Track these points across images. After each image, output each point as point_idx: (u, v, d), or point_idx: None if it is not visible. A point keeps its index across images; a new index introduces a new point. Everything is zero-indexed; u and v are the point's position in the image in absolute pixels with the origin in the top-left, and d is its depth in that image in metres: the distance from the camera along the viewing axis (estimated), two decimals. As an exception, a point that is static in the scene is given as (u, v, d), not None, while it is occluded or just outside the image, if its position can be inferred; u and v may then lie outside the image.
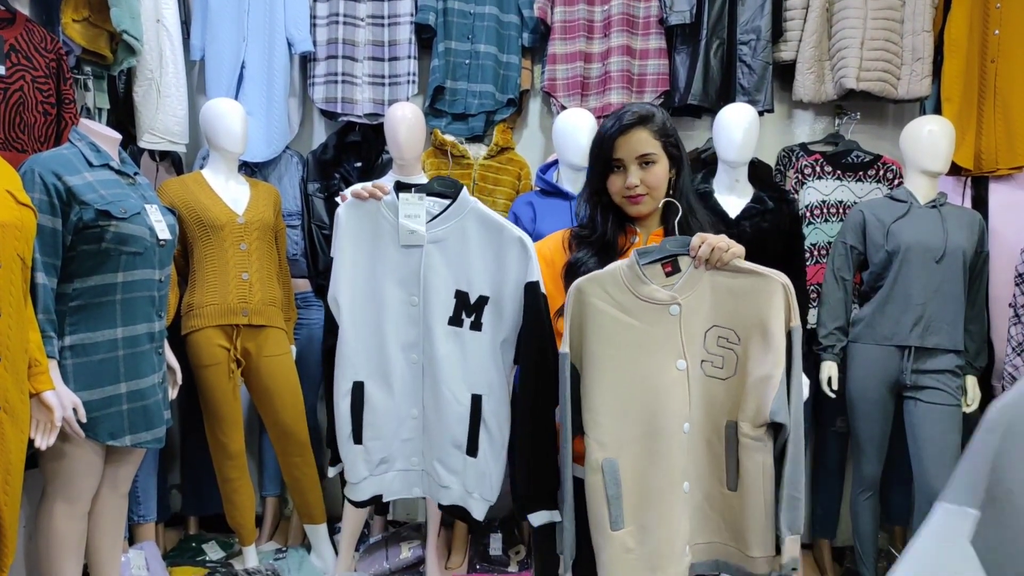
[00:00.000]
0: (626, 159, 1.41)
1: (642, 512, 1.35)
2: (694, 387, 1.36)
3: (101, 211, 1.87)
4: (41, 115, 2.23)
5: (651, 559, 1.34)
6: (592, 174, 1.47)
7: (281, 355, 2.60)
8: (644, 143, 1.41)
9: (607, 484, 1.32)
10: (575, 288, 1.34)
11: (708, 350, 1.36)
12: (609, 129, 1.42)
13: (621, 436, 1.34)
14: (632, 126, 1.41)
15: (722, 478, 1.36)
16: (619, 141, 1.41)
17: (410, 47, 2.98)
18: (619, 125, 1.41)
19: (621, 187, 1.42)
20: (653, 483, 1.35)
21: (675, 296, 1.34)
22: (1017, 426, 0.89)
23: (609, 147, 1.41)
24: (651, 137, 1.42)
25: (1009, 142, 2.71)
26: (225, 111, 2.51)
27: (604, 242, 1.45)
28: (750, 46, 2.87)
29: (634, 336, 1.34)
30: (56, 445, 1.80)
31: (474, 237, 1.50)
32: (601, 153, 1.43)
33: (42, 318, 1.78)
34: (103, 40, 2.49)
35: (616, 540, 1.33)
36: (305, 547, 2.90)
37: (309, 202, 2.97)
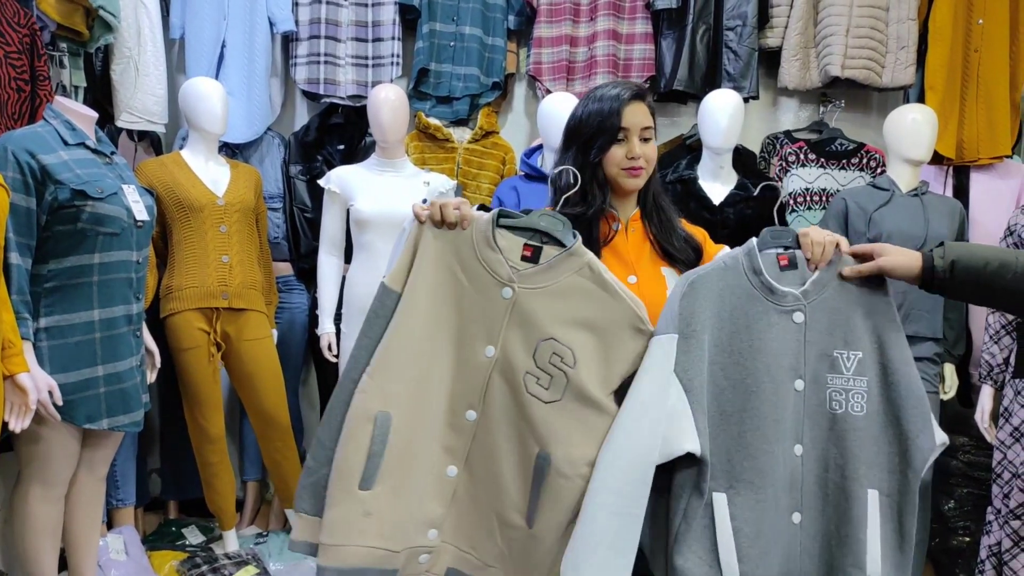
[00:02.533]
0: (631, 129, 1.37)
1: (396, 477, 1.21)
2: (493, 376, 1.23)
3: (77, 191, 1.83)
4: (14, 92, 2.18)
5: (389, 529, 1.21)
6: (589, 145, 1.38)
7: (262, 339, 2.57)
8: (646, 116, 1.40)
9: (374, 439, 1.19)
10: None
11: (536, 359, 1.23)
12: (614, 100, 1.37)
13: (404, 390, 1.21)
14: (636, 98, 1.38)
15: None
16: (627, 110, 1.37)
17: (394, 28, 2.94)
18: (623, 96, 1.37)
19: (622, 158, 1.38)
20: (418, 451, 1.22)
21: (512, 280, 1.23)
22: (697, 284, 1.20)
23: (616, 116, 1.36)
24: (648, 113, 1.41)
25: (991, 132, 2.73)
26: (205, 91, 2.47)
27: (588, 218, 1.39)
28: (736, 32, 2.86)
29: None
30: (32, 428, 1.77)
31: None
32: (606, 122, 1.37)
33: (16, 299, 1.75)
34: (79, 16, 2.43)
35: (359, 499, 1.20)
36: (286, 531, 2.89)
37: (291, 185, 2.93)
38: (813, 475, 1.20)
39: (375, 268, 2.47)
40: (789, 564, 1.19)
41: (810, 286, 1.22)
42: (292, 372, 2.91)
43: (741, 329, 1.21)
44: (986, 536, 2.26)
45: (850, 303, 1.22)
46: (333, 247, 2.59)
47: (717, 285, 1.21)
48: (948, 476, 2.84)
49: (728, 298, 1.21)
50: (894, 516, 1.19)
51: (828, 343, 1.21)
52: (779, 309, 1.21)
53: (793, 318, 1.21)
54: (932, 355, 2.43)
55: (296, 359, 2.97)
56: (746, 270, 1.23)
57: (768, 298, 1.21)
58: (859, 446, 1.18)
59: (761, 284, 1.22)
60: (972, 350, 2.65)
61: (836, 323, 1.21)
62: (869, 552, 1.16)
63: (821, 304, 1.22)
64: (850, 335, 1.21)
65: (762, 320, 1.21)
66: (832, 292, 1.22)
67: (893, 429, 1.19)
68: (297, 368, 3.01)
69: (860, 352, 1.20)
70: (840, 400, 1.20)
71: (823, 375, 1.21)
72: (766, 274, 1.22)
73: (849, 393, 1.20)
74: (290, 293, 2.93)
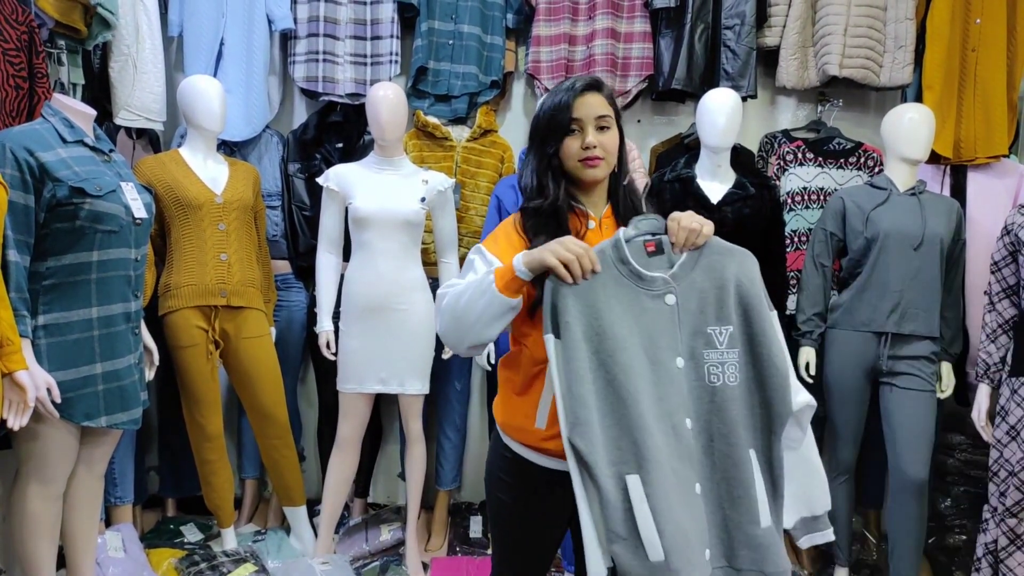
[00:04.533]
0: (584, 119, 1.39)
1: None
2: None
3: (75, 188, 1.83)
4: (12, 89, 2.18)
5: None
6: (543, 141, 1.41)
7: (260, 337, 2.58)
8: (601, 105, 1.41)
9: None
10: None
11: None
12: (565, 93, 1.40)
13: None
14: (588, 88, 1.41)
15: None
16: (577, 102, 1.39)
17: (393, 26, 2.94)
18: (574, 89, 1.40)
19: (578, 149, 1.39)
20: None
21: None
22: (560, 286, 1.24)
23: (567, 109, 1.39)
24: (605, 102, 1.42)
25: (988, 131, 2.74)
26: (203, 88, 2.47)
27: (555, 209, 1.40)
28: (734, 31, 2.86)
29: None
30: (30, 426, 1.78)
31: None
32: (557, 115, 1.39)
33: (14, 296, 1.75)
34: (77, 13, 2.43)
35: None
36: (284, 529, 2.89)
37: (289, 183, 2.93)
38: (701, 446, 1.27)
39: (373, 266, 2.48)
40: (701, 534, 1.25)
41: (678, 269, 1.29)
42: (290, 370, 2.91)
43: (617, 318, 1.25)
44: (982, 534, 2.27)
45: (717, 280, 1.29)
46: (331, 245, 2.59)
47: (586, 281, 1.25)
48: (945, 474, 2.85)
49: (599, 290, 1.26)
50: (768, 470, 1.27)
51: (701, 321, 1.28)
52: (650, 294, 1.28)
53: (665, 300, 1.28)
54: (929, 354, 2.44)
55: (294, 357, 2.97)
56: (614, 261, 1.28)
57: (639, 285, 1.28)
58: (737, 413, 1.27)
59: (630, 272, 1.28)
60: (969, 349, 2.66)
61: (706, 301, 1.28)
62: (760, 508, 1.24)
63: (690, 285, 1.29)
64: (720, 311, 1.28)
65: (636, 306, 1.27)
66: (700, 272, 1.29)
67: (759, 394, 1.28)
68: (295, 366, 3.01)
69: (731, 326, 1.28)
70: (717, 373, 1.27)
71: (700, 351, 1.28)
72: (633, 262, 1.28)
73: (724, 366, 1.27)
74: (288, 291, 2.93)
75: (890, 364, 2.44)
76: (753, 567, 1.25)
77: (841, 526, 2.63)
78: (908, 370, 2.42)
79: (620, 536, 1.19)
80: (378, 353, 2.47)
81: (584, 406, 1.21)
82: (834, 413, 2.56)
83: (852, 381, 2.50)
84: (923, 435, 2.40)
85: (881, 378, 2.48)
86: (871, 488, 2.93)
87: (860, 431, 2.56)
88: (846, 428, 2.54)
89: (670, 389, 1.26)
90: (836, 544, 2.65)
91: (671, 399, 1.25)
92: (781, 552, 1.26)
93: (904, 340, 2.43)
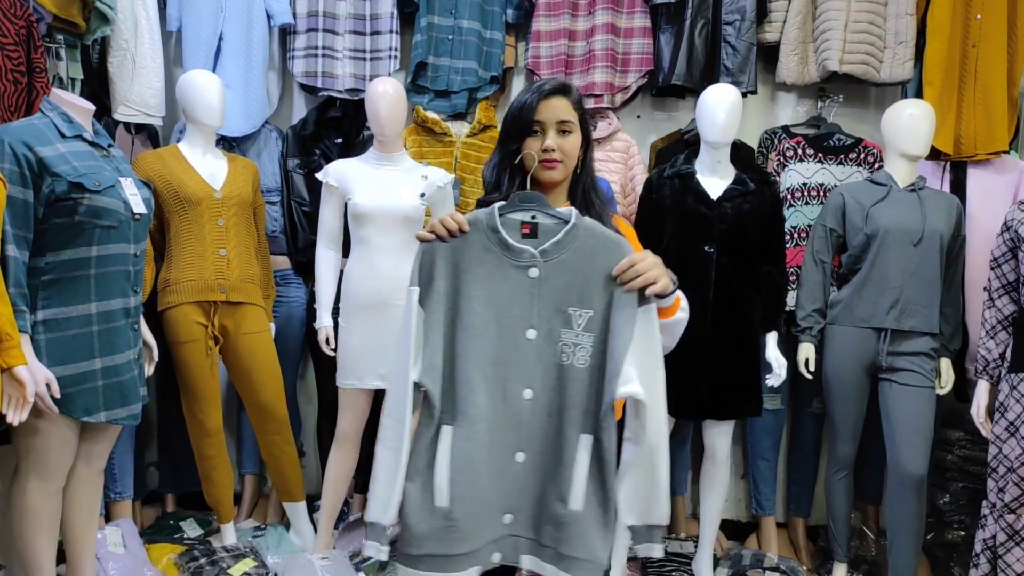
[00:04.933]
0: (546, 122, 1.43)
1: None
2: None
3: (74, 183, 1.83)
4: (11, 84, 2.17)
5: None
6: (508, 138, 1.47)
7: (260, 332, 2.57)
8: (564, 110, 1.44)
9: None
10: None
11: None
12: (532, 94, 1.44)
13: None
14: (554, 93, 1.44)
15: None
16: (542, 105, 1.43)
17: (392, 21, 2.93)
18: (541, 91, 1.44)
19: (538, 150, 1.44)
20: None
21: None
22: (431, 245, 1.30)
23: (531, 110, 1.43)
24: (570, 107, 1.45)
25: (988, 127, 2.74)
26: (202, 84, 2.46)
27: None
28: (735, 26, 2.86)
29: None
30: (29, 421, 1.77)
31: None
32: (522, 115, 1.44)
33: (13, 291, 1.74)
34: (75, 7, 2.42)
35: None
36: (284, 525, 2.89)
37: (289, 178, 2.93)
38: (539, 419, 1.31)
39: (373, 262, 2.47)
40: (507, 499, 1.30)
41: (550, 246, 1.31)
42: (290, 366, 2.91)
43: (477, 279, 1.30)
44: (981, 530, 2.27)
45: (588, 266, 1.30)
46: (331, 241, 2.59)
47: (456, 241, 1.31)
48: (944, 470, 2.85)
49: (466, 251, 1.31)
50: (596, 457, 1.29)
51: (563, 300, 1.30)
52: (515, 264, 1.31)
53: (528, 273, 1.31)
54: (928, 350, 2.44)
55: (294, 353, 2.97)
56: (485, 229, 1.32)
57: (505, 254, 1.31)
58: (578, 394, 1.29)
59: (499, 241, 1.31)
60: (968, 345, 2.66)
61: (573, 283, 1.30)
62: (574, 490, 1.27)
63: (559, 264, 1.31)
64: (584, 295, 1.30)
65: (497, 273, 1.31)
66: (571, 254, 1.31)
67: (601, 383, 1.30)
68: (295, 362, 3.01)
69: (591, 311, 1.30)
70: (569, 352, 1.30)
71: (557, 329, 1.30)
72: (503, 232, 1.31)
73: (576, 347, 1.30)
74: (288, 287, 2.93)
75: (889, 360, 2.44)
76: (553, 544, 1.29)
77: (840, 522, 2.63)
78: (907, 366, 2.43)
79: (418, 473, 1.28)
80: (377, 349, 2.47)
81: (436, 353, 1.30)
82: (833, 409, 2.56)
83: (851, 377, 2.50)
84: (922, 431, 2.40)
85: (880, 374, 2.48)
86: (870, 484, 2.94)
87: (859, 427, 2.56)
88: (845, 424, 2.54)
89: (513, 356, 1.30)
90: (835, 539, 2.65)
91: (511, 366, 1.30)
92: (587, 537, 1.28)
93: (904, 336, 2.43)
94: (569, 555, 1.28)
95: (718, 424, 2.49)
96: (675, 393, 2.37)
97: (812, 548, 2.99)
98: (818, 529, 3.01)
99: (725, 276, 2.38)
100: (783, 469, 3.10)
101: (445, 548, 1.27)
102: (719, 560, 2.80)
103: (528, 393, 1.30)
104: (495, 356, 1.30)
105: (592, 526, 1.28)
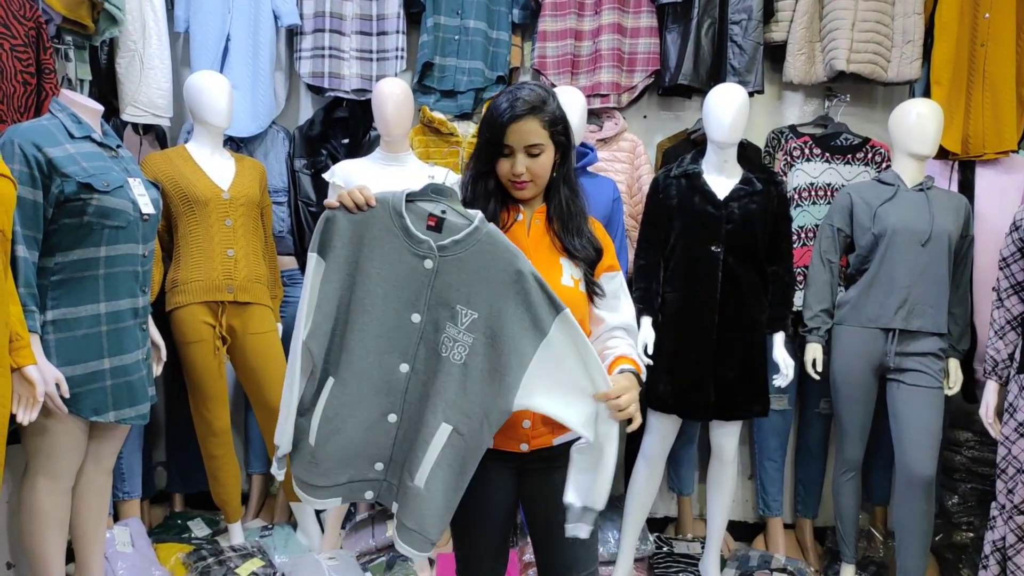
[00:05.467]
0: (515, 146, 1.44)
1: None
2: None
3: (83, 184, 1.84)
4: (20, 85, 2.19)
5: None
6: (480, 156, 1.49)
7: (267, 332, 2.58)
8: (533, 134, 1.44)
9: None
10: None
11: None
12: (502, 115, 1.44)
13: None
14: (524, 115, 1.43)
15: None
16: (510, 129, 1.43)
17: (398, 21, 2.94)
18: (511, 113, 1.43)
19: (508, 172, 1.46)
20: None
21: None
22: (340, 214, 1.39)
23: (500, 133, 1.44)
24: (540, 127, 1.45)
25: (996, 126, 2.72)
26: (210, 84, 2.47)
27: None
28: (741, 26, 2.85)
29: None
30: (39, 420, 1.78)
31: None
32: (492, 137, 1.45)
33: (23, 292, 1.75)
34: (84, 9, 2.43)
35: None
36: (291, 524, 2.90)
37: (296, 178, 2.94)
38: (415, 393, 1.41)
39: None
40: (379, 450, 1.44)
41: (449, 243, 1.37)
42: (297, 366, 2.91)
43: (373, 257, 1.39)
44: (990, 532, 2.26)
45: (482, 269, 1.36)
46: (338, 241, 2.59)
47: (360, 217, 1.39)
48: (952, 472, 2.84)
49: (369, 228, 1.39)
50: (460, 450, 1.38)
51: (452, 296, 1.37)
52: (412, 251, 1.38)
53: (424, 263, 1.38)
54: (937, 350, 2.43)
55: (301, 353, 2.97)
56: (391, 212, 1.39)
57: (404, 239, 1.38)
58: (446, 387, 1.37)
59: (401, 226, 1.38)
60: (977, 345, 2.65)
61: (464, 281, 1.37)
62: (420, 468, 1.37)
63: (455, 261, 1.37)
64: (473, 296, 1.37)
65: (393, 255, 1.38)
66: (470, 254, 1.37)
67: (489, 386, 1.37)
68: (302, 362, 3.01)
69: (476, 314, 1.36)
70: (448, 346, 1.38)
71: (443, 321, 1.38)
72: (407, 219, 1.38)
73: (456, 343, 1.37)
74: (295, 287, 2.93)
75: (897, 360, 2.43)
76: (398, 512, 1.43)
77: (848, 523, 2.63)
78: (916, 366, 2.42)
79: (304, 411, 1.44)
80: (384, 349, 2.47)
81: (327, 319, 1.40)
82: (841, 410, 2.55)
83: (859, 377, 2.49)
84: (930, 432, 2.39)
85: (888, 374, 2.48)
86: (878, 485, 2.92)
87: (867, 428, 2.55)
88: (853, 425, 2.53)
89: (396, 334, 1.39)
90: (843, 540, 2.64)
91: (392, 341, 1.40)
92: (420, 512, 1.38)
93: (912, 336, 2.42)
94: (403, 523, 1.41)
95: (725, 425, 2.49)
96: (682, 393, 2.41)
97: (820, 549, 2.99)
98: (826, 530, 3.00)
99: (732, 276, 2.37)
100: (790, 470, 3.09)
101: (308, 478, 1.44)
102: (726, 561, 2.80)
103: (404, 367, 1.40)
104: (377, 330, 1.39)
105: (429, 504, 1.38)
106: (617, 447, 1.38)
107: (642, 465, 2.56)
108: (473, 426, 1.38)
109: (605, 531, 2.79)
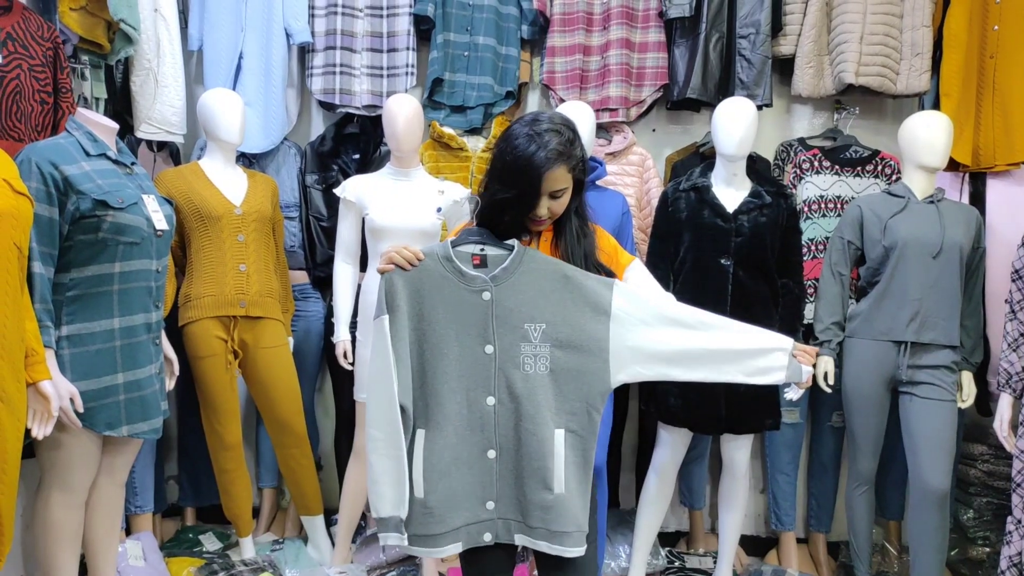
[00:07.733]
0: (542, 192, 1.47)
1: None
2: None
3: (98, 201, 1.86)
4: (38, 104, 2.23)
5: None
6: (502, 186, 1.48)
7: (278, 347, 2.60)
8: (560, 180, 1.47)
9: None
10: None
11: None
12: (536, 159, 1.43)
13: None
14: (555, 164, 1.45)
15: None
16: (545, 179, 1.45)
17: (409, 38, 2.97)
18: (546, 167, 1.44)
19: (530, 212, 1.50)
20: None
21: None
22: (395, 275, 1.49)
23: (535, 186, 1.45)
24: (567, 173, 1.47)
25: (1007, 138, 2.71)
26: (223, 102, 2.50)
27: None
28: (749, 40, 2.86)
29: None
30: (53, 435, 1.80)
31: None
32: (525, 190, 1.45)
33: (39, 307, 1.78)
34: (100, 29, 2.48)
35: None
36: (302, 538, 2.90)
37: (307, 194, 2.96)
38: (508, 422, 1.48)
39: (390, 276, 2.49)
40: (485, 489, 1.50)
41: (499, 272, 1.49)
42: (308, 380, 2.93)
43: (436, 304, 1.49)
44: (1006, 546, 2.23)
45: (535, 285, 1.49)
46: (348, 255, 2.61)
47: (414, 273, 1.49)
48: (967, 486, 2.81)
49: (425, 280, 1.49)
50: (579, 446, 1.49)
51: (516, 317, 1.48)
52: (469, 289, 1.48)
53: (482, 296, 1.48)
54: (949, 363, 2.42)
55: (312, 367, 2.99)
56: (440, 259, 1.50)
57: (460, 281, 1.49)
58: (544, 398, 1.47)
59: (454, 269, 1.49)
60: (990, 358, 2.63)
61: (522, 302, 1.48)
62: (555, 477, 1.46)
63: (509, 287, 1.49)
64: (535, 311, 1.48)
65: (453, 297, 1.48)
66: (519, 277, 1.49)
67: (583, 379, 1.49)
68: (313, 376, 3.03)
69: (544, 324, 1.48)
70: (531, 363, 1.48)
71: (516, 343, 1.48)
72: (457, 262, 1.49)
73: (537, 358, 1.48)
74: (306, 301, 2.95)
75: (910, 373, 2.41)
76: (543, 525, 1.47)
77: (861, 537, 2.60)
78: (928, 379, 2.40)
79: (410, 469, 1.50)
80: (395, 363, 2.48)
81: (407, 372, 1.48)
82: (853, 423, 2.54)
83: (871, 390, 2.47)
84: (944, 445, 2.37)
85: (901, 388, 2.46)
86: (892, 499, 2.90)
87: (880, 441, 2.53)
88: (866, 438, 2.52)
89: (474, 370, 1.48)
90: (856, 555, 2.62)
91: (473, 378, 1.48)
92: (571, 513, 1.47)
93: (924, 349, 2.41)
94: (559, 531, 1.46)
95: (736, 438, 2.48)
96: (693, 407, 2.40)
97: (833, 564, 2.96)
98: (839, 545, 2.97)
99: (742, 289, 2.37)
100: (803, 484, 3.07)
101: (424, 530, 1.48)
102: (738, 576, 2.78)
103: (491, 400, 1.48)
104: (458, 370, 1.48)
105: (575, 502, 1.48)
106: None
107: (653, 479, 2.55)
108: (582, 420, 1.48)
109: (616, 545, 2.77)
